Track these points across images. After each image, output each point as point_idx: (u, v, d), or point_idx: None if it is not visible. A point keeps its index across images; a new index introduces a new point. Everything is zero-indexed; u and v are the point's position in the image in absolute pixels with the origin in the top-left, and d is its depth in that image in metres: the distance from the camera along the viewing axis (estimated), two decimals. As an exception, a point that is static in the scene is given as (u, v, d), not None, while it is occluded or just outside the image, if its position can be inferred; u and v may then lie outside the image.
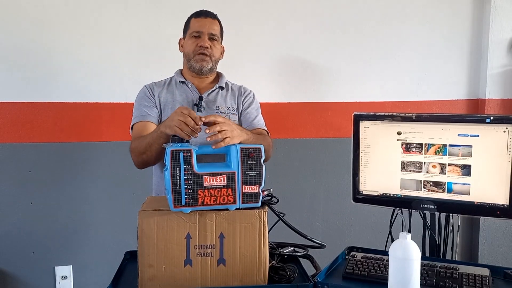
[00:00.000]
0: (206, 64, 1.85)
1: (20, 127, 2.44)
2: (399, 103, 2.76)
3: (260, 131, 1.88)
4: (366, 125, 1.64)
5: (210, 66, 1.86)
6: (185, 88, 1.88)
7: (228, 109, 1.87)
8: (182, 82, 1.89)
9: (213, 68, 1.89)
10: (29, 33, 2.39)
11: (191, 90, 1.87)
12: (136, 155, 1.74)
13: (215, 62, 1.89)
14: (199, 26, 1.85)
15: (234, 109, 1.90)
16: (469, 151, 1.50)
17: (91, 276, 2.56)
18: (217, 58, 1.90)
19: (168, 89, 1.89)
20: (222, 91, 1.92)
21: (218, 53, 1.89)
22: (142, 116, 1.81)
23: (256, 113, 1.93)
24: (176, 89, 1.87)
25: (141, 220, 1.27)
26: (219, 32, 1.90)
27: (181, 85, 1.89)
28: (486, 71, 2.76)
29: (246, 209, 1.31)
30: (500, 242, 2.84)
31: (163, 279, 1.27)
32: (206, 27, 1.84)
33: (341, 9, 2.68)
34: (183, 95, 1.86)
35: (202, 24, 1.85)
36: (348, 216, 2.80)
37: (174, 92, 1.87)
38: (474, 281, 1.31)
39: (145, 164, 1.78)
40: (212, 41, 1.85)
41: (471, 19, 2.78)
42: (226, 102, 1.89)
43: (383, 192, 1.64)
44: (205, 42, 1.83)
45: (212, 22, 1.87)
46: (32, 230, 2.49)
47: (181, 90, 1.88)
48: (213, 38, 1.86)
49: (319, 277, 1.35)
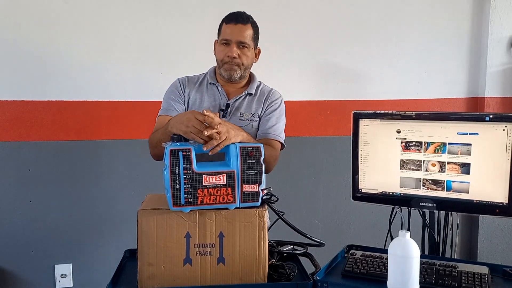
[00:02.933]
0: (235, 73, 1.81)
1: (19, 125, 2.44)
2: (398, 101, 2.76)
3: (271, 142, 1.83)
4: (365, 124, 1.64)
5: (239, 75, 1.83)
6: (214, 91, 1.87)
7: (252, 116, 1.85)
8: (213, 84, 1.87)
9: (243, 76, 1.86)
10: (29, 32, 2.39)
11: (220, 94, 1.86)
12: (151, 147, 1.76)
13: (245, 70, 1.84)
14: (229, 33, 1.79)
15: (258, 115, 1.87)
16: (468, 149, 1.50)
17: (91, 274, 2.56)
18: (248, 65, 1.85)
19: (199, 89, 1.87)
20: (250, 97, 1.88)
21: (248, 60, 1.83)
22: (167, 110, 1.81)
23: (276, 121, 1.87)
24: (206, 91, 1.87)
25: (141, 219, 1.27)
26: (250, 37, 1.81)
27: (211, 86, 1.87)
28: (485, 69, 2.76)
29: (245, 208, 1.31)
30: (499, 240, 2.84)
31: (163, 278, 1.27)
32: (235, 35, 1.78)
33: (341, 8, 2.68)
34: (211, 98, 1.85)
35: (231, 32, 1.79)
36: (348, 214, 2.80)
37: (204, 94, 1.86)
38: (473, 279, 1.31)
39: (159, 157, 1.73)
40: (242, 49, 1.80)
41: (471, 18, 2.78)
42: (251, 109, 1.86)
43: (383, 190, 1.64)
44: (232, 52, 1.78)
45: (241, 29, 1.79)
46: (32, 229, 2.49)
47: (210, 92, 1.86)
48: (243, 46, 1.80)
49: (319, 275, 1.35)
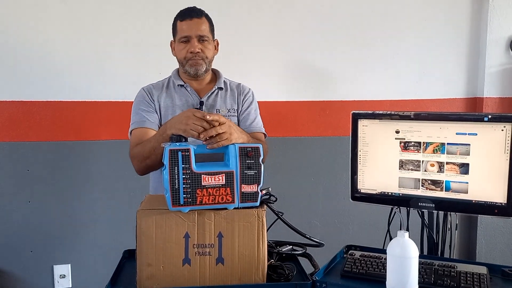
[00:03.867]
0: (200, 68, 1.81)
1: (18, 125, 2.44)
2: (397, 101, 2.76)
3: (258, 136, 1.86)
4: (364, 124, 1.64)
5: (205, 68, 1.83)
6: (184, 92, 1.86)
7: (229, 111, 1.86)
8: (181, 85, 1.86)
9: (208, 69, 1.86)
10: (27, 32, 2.39)
11: (191, 94, 1.85)
12: (139, 161, 1.70)
13: (209, 63, 1.86)
14: (186, 30, 1.78)
15: (235, 110, 1.88)
16: (467, 149, 1.51)
17: (90, 275, 2.56)
18: (211, 58, 1.86)
19: (167, 92, 1.86)
20: (221, 91, 1.89)
21: (210, 53, 1.84)
22: (141, 122, 1.78)
23: (255, 114, 1.91)
24: (175, 93, 1.85)
25: (140, 219, 1.27)
26: (208, 30, 1.82)
27: (179, 88, 1.86)
28: (484, 69, 2.76)
29: (244, 208, 1.31)
30: (498, 240, 2.85)
31: (162, 278, 1.27)
32: (193, 30, 1.78)
33: (340, 8, 2.68)
34: (182, 99, 1.84)
35: (188, 28, 1.78)
36: (347, 215, 2.80)
37: (174, 96, 1.84)
38: (472, 279, 1.31)
39: (148, 169, 1.74)
40: (202, 43, 1.80)
41: (470, 18, 2.78)
42: (226, 104, 1.87)
43: (382, 190, 1.64)
44: (195, 47, 1.78)
45: (198, 23, 1.79)
46: (30, 229, 2.49)
47: (180, 93, 1.85)
48: (203, 39, 1.80)
49: (318, 276, 1.35)
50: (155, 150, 1.61)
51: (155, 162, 1.64)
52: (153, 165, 1.70)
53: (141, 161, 1.70)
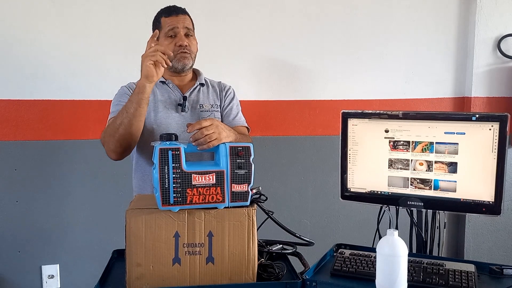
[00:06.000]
0: (188, 62, 1.82)
1: (5, 124, 2.41)
2: (386, 101, 2.78)
3: (241, 130, 1.87)
4: (354, 123, 1.65)
5: (191, 63, 1.85)
6: (166, 88, 1.85)
7: (212, 107, 1.87)
8: (163, 82, 1.86)
9: (193, 64, 1.88)
10: (14, 30, 2.36)
11: (173, 90, 1.85)
12: (109, 139, 1.64)
13: (194, 58, 1.87)
14: (173, 24, 1.80)
15: (218, 106, 1.89)
16: (455, 148, 1.52)
17: (78, 275, 2.53)
18: (195, 53, 1.87)
19: None
20: (203, 88, 1.90)
21: (195, 48, 1.86)
22: None
23: (237, 110, 1.93)
24: (157, 89, 1.84)
25: (129, 219, 1.26)
26: (192, 26, 1.86)
27: (161, 85, 1.86)
28: (472, 69, 2.79)
29: (235, 208, 1.31)
30: (485, 238, 2.88)
31: (151, 278, 1.26)
32: (180, 24, 1.80)
33: (329, 8, 2.69)
34: (165, 95, 1.84)
35: (175, 22, 1.80)
36: (336, 214, 2.81)
37: (156, 92, 1.83)
38: (460, 277, 1.32)
39: (121, 143, 1.63)
40: (188, 37, 1.82)
41: (457, 18, 2.81)
42: (209, 100, 1.88)
43: (371, 189, 1.65)
44: (183, 40, 1.79)
45: (184, 19, 1.82)
46: (18, 229, 2.46)
47: (162, 90, 1.85)
48: (189, 34, 1.82)
49: (308, 274, 1.36)
50: (122, 124, 1.58)
51: (129, 127, 1.59)
52: (125, 134, 1.61)
53: (113, 134, 1.63)
